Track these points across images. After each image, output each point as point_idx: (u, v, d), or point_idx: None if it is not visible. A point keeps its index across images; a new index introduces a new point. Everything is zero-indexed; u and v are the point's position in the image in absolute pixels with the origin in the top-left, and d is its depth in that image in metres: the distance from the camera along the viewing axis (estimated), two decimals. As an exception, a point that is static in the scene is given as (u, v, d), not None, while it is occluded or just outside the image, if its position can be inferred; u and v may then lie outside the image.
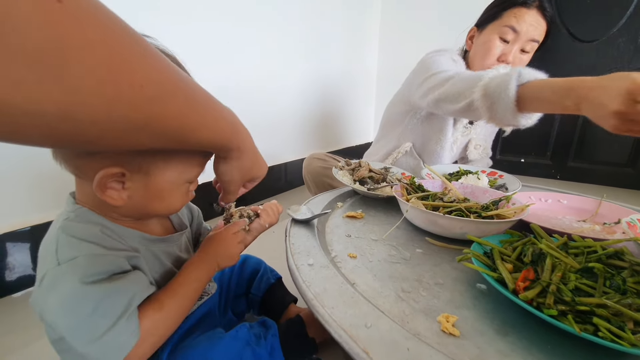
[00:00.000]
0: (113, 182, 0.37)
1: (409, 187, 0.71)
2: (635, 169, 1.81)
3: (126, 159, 0.36)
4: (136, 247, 0.42)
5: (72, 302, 0.34)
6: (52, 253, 0.35)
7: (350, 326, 0.34)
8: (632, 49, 1.69)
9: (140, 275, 0.39)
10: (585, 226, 0.62)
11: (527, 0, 0.86)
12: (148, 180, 0.38)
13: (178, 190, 0.42)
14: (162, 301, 0.40)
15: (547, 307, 0.33)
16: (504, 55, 0.91)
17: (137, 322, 0.36)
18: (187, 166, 0.41)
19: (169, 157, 0.39)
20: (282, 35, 1.63)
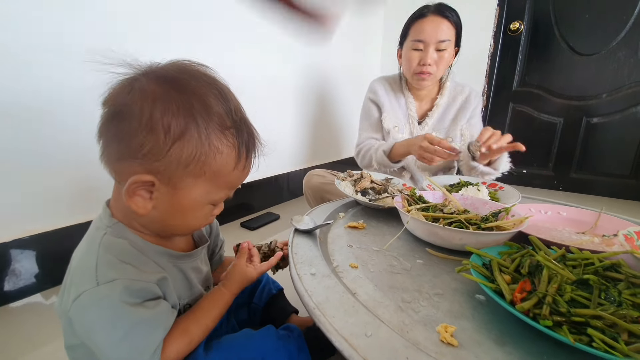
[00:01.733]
0: (142, 190, 0.39)
1: (409, 198, 0.72)
2: (638, 180, 1.81)
3: (159, 169, 0.38)
4: (164, 263, 0.45)
5: (109, 322, 0.36)
6: (92, 270, 0.38)
7: (350, 335, 0.35)
8: (631, 62, 1.72)
9: (166, 306, 0.42)
10: (584, 238, 0.62)
11: (422, 12, 1.07)
12: (175, 193, 0.40)
13: (201, 210, 0.44)
14: (192, 334, 0.43)
15: (543, 318, 0.34)
16: (422, 59, 1.08)
17: (159, 355, 0.39)
18: (214, 188, 0.43)
19: (199, 176, 0.40)
20: (282, 40, 1.65)
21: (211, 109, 0.39)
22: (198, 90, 0.39)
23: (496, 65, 2.06)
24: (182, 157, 0.38)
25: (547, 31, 1.90)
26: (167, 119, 0.37)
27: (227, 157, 0.41)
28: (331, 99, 2.06)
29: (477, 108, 1.20)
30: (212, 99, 0.39)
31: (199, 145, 0.38)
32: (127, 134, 0.37)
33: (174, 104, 0.37)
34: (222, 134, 0.40)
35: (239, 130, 0.42)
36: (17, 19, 0.84)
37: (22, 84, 0.87)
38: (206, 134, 0.39)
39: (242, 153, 0.43)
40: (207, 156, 0.39)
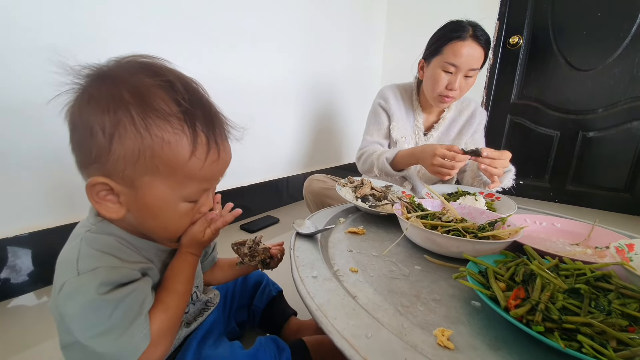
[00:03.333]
0: (109, 195, 0.39)
1: (409, 205, 0.74)
2: (632, 194, 1.84)
3: (111, 170, 0.37)
4: (151, 258, 0.45)
5: (90, 309, 0.36)
6: (73, 263, 0.37)
7: (351, 336, 0.36)
8: (627, 79, 1.76)
9: (148, 280, 0.42)
10: (577, 249, 0.64)
11: (461, 35, 0.99)
12: (136, 194, 0.39)
13: (173, 209, 0.41)
14: (167, 302, 0.42)
15: (536, 324, 0.35)
16: (450, 84, 1.05)
17: (148, 326, 0.39)
18: (176, 183, 0.40)
19: (154, 172, 0.38)
20: (284, 44, 1.68)
21: (147, 98, 0.37)
22: (131, 80, 0.37)
23: (495, 77, 2.10)
24: (127, 154, 0.36)
25: (545, 46, 1.95)
26: (101, 117, 0.36)
27: (177, 146, 0.38)
28: (332, 104, 2.08)
29: (481, 123, 1.22)
30: (148, 86, 0.37)
31: (138, 137, 0.36)
32: (79, 143, 0.38)
33: (104, 101, 0.36)
34: (165, 121, 0.37)
35: (189, 114, 0.38)
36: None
37: (23, 80, 0.88)
38: (144, 124, 0.36)
39: (199, 138, 0.39)
40: (152, 149, 0.37)
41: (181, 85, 0.39)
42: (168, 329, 0.41)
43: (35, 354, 0.73)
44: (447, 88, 1.06)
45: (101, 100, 0.36)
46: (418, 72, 1.17)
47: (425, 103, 1.20)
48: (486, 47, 1.02)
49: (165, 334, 0.41)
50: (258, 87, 1.56)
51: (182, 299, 0.45)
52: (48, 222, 0.99)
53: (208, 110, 0.41)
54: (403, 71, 1.46)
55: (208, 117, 0.40)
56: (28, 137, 0.91)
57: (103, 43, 0.99)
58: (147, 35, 1.11)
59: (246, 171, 1.61)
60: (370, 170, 1.16)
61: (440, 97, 1.08)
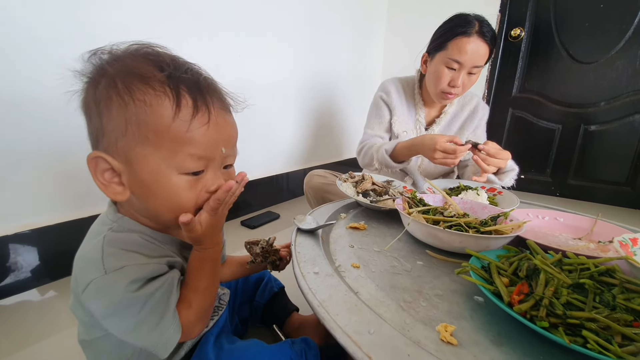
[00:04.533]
0: (114, 177, 0.39)
1: (410, 200, 0.74)
2: (633, 188, 1.83)
3: (106, 146, 0.38)
4: (174, 251, 0.45)
5: (121, 307, 0.37)
6: (98, 262, 0.37)
7: (354, 332, 0.36)
8: (629, 71, 1.74)
9: (175, 272, 0.42)
10: (580, 244, 0.64)
11: (467, 30, 0.97)
12: (133, 170, 0.38)
13: (170, 182, 0.38)
14: (189, 299, 0.42)
15: (540, 319, 0.35)
16: (453, 80, 1.03)
17: (177, 320, 0.39)
18: (168, 151, 0.38)
19: (143, 141, 0.37)
20: (284, 39, 1.66)
21: (132, 67, 0.37)
22: (123, 58, 0.38)
23: (496, 70, 2.08)
24: (115, 125, 0.37)
25: (547, 38, 1.92)
26: (97, 94, 0.37)
27: (159, 108, 0.36)
28: (332, 99, 2.07)
29: (483, 119, 1.20)
30: (136, 59, 0.38)
31: (122, 105, 0.36)
32: (89, 128, 0.40)
33: (100, 80, 0.38)
34: (147, 85, 0.36)
35: (172, 77, 0.37)
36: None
37: (23, 76, 0.87)
38: (127, 91, 0.36)
39: (183, 100, 0.37)
40: (137, 115, 0.36)
41: (168, 56, 0.40)
42: (197, 320, 0.42)
43: (37, 351, 0.74)
44: (449, 85, 1.04)
45: (99, 79, 0.38)
46: (421, 66, 1.15)
47: (427, 97, 1.18)
48: (492, 43, 0.99)
49: (196, 324, 0.42)
50: (258, 83, 1.55)
51: (205, 294, 0.44)
52: (49, 220, 0.99)
53: (197, 76, 0.40)
54: (404, 66, 1.45)
55: (196, 81, 0.39)
56: (29, 134, 0.91)
57: (100, 38, 0.98)
58: (145, 29, 1.09)
59: (246, 167, 1.61)
60: (371, 164, 1.15)
61: (442, 93, 1.07)
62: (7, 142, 0.88)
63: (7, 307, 0.89)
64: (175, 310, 0.40)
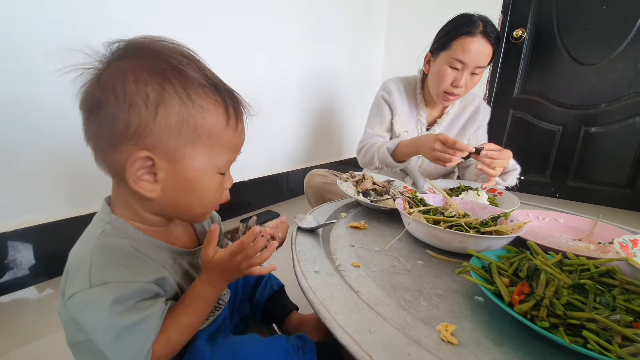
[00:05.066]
0: (145, 174, 0.38)
1: (411, 200, 0.74)
2: (633, 190, 1.83)
3: (153, 143, 0.37)
4: (165, 260, 0.44)
5: (101, 324, 0.36)
6: (85, 271, 0.37)
7: (354, 331, 0.36)
8: (631, 73, 1.74)
9: (160, 306, 0.40)
10: (580, 245, 0.64)
11: (471, 30, 0.96)
12: (177, 167, 0.39)
13: (210, 180, 0.43)
14: (170, 335, 0.40)
15: (540, 319, 0.35)
16: (456, 81, 1.03)
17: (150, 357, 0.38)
18: (214, 151, 0.41)
19: (195, 142, 0.39)
20: (284, 38, 1.66)
21: (183, 69, 0.38)
22: (163, 53, 0.38)
23: (498, 71, 2.08)
24: (171, 123, 0.37)
25: (549, 40, 1.92)
26: (143, 87, 0.36)
27: (215, 114, 0.40)
28: (333, 99, 2.07)
29: (484, 120, 1.20)
30: (179, 59, 0.39)
31: (182, 106, 0.38)
32: (110, 119, 0.36)
33: (144, 72, 0.36)
34: (202, 91, 0.39)
35: (217, 86, 0.41)
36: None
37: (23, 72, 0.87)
38: (186, 93, 0.38)
39: (229, 109, 0.42)
40: (195, 117, 0.38)
41: (203, 64, 0.41)
42: (169, 354, 0.41)
43: (35, 348, 0.74)
44: (452, 85, 1.03)
45: (140, 72, 0.36)
46: (424, 66, 1.15)
47: (429, 98, 1.18)
48: (495, 44, 0.99)
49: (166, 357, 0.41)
50: (259, 82, 1.55)
51: (186, 331, 0.43)
52: (48, 217, 0.99)
53: (226, 86, 0.43)
54: (404, 66, 1.45)
55: (230, 92, 0.43)
56: (28, 130, 0.91)
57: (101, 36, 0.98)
58: (148, 29, 1.09)
59: (247, 166, 1.61)
60: (371, 163, 1.14)
61: (444, 94, 1.06)
62: (7, 138, 0.88)
63: (4, 304, 0.89)
64: (150, 349, 0.38)
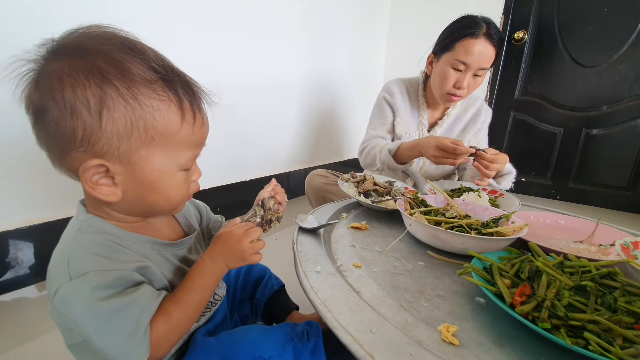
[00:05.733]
0: (102, 178, 0.37)
1: (412, 201, 0.74)
2: (634, 192, 1.83)
3: (104, 149, 0.36)
4: (147, 252, 0.43)
5: (87, 315, 0.35)
6: (64, 266, 0.36)
7: (356, 331, 0.36)
8: (632, 76, 1.74)
9: (147, 289, 0.39)
10: (581, 247, 0.64)
11: (474, 32, 0.96)
12: (134, 169, 0.38)
13: (172, 178, 0.41)
14: (170, 312, 0.40)
15: (542, 320, 0.35)
16: (458, 82, 1.03)
17: (148, 337, 0.37)
18: (173, 150, 0.39)
19: (149, 143, 0.37)
20: (286, 38, 1.66)
21: (125, 66, 0.35)
22: (101, 50, 0.35)
23: (499, 73, 2.08)
24: (119, 128, 0.35)
25: (550, 42, 1.92)
26: (81, 92, 0.34)
27: (167, 112, 0.38)
28: (334, 99, 2.07)
29: (485, 122, 1.20)
30: (121, 55, 0.36)
31: (128, 108, 0.35)
32: (55, 125, 0.34)
33: (80, 74, 0.34)
34: (149, 89, 0.36)
35: (168, 80, 0.38)
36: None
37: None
38: (131, 94, 0.35)
39: (184, 104, 0.39)
40: (144, 119, 0.36)
41: (151, 52, 0.38)
42: (167, 340, 0.40)
43: (36, 347, 0.74)
44: (455, 86, 1.03)
45: (76, 75, 0.34)
46: (427, 67, 1.15)
47: (431, 99, 1.18)
48: (498, 46, 0.99)
49: (163, 343, 0.39)
50: (260, 81, 1.55)
51: (190, 311, 0.42)
52: (49, 215, 0.99)
53: (182, 77, 0.40)
54: (406, 67, 1.45)
55: (184, 83, 0.40)
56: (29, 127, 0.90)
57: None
58: (148, 26, 1.09)
59: (247, 166, 1.61)
60: (372, 164, 1.14)
61: (447, 95, 1.06)
62: (8, 136, 0.88)
63: (5, 303, 0.90)
64: (148, 328, 0.37)
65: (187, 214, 0.55)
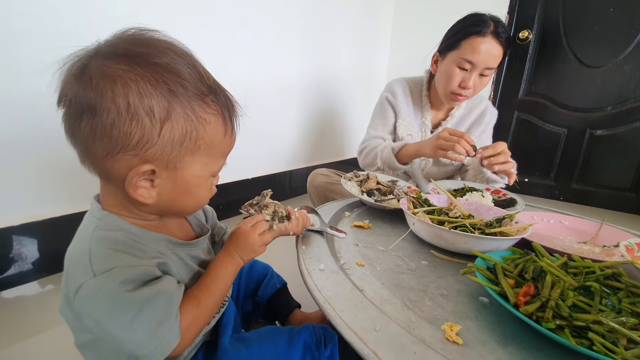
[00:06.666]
0: (142, 181, 0.38)
1: (415, 200, 0.74)
2: (638, 194, 1.82)
3: (155, 155, 0.37)
4: (163, 250, 0.43)
5: (115, 310, 0.35)
6: (86, 264, 0.35)
7: (360, 329, 0.36)
8: (637, 76, 1.73)
9: (172, 279, 0.40)
10: (585, 247, 0.64)
11: (482, 30, 0.94)
12: (176, 175, 0.40)
13: (205, 183, 0.44)
14: (199, 298, 0.42)
15: (546, 321, 0.35)
16: (464, 82, 1.00)
17: (178, 323, 0.38)
18: (211, 158, 0.42)
19: (195, 151, 0.40)
20: (289, 37, 1.66)
21: (185, 79, 0.37)
22: (164, 61, 0.36)
23: (503, 72, 2.07)
24: (175, 137, 0.37)
25: (555, 41, 1.91)
26: (147, 101, 0.35)
27: (216, 126, 0.41)
28: (336, 98, 2.07)
29: (490, 123, 1.18)
30: (180, 67, 0.37)
31: (187, 120, 0.37)
32: (108, 128, 0.34)
33: (147, 83, 0.35)
34: (204, 102, 0.39)
35: (215, 94, 0.41)
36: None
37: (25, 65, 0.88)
38: (190, 107, 0.37)
39: (227, 118, 0.42)
40: (197, 130, 0.38)
41: (201, 67, 0.40)
42: (195, 324, 0.41)
43: (37, 342, 0.74)
44: (460, 86, 1.01)
45: (143, 82, 0.35)
46: (431, 66, 1.12)
47: (435, 99, 1.16)
48: (506, 45, 0.96)
49: (192, 328, 0.41)
50: (262, 80, 1.55)
51: (215, 297, 0.45)
52: (53, 212, 0.99)
53: (224, 91, 0.43)
54: (410, 66, 1.45)
55: (226, 97, 0.43)
56: (33, 124, 0.91)
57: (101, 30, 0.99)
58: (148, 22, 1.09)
59: (249, 164, 1.61)
60: (372, 164, 1.13)
61: (452, 94, 1.04)
62: (11, 132, 0.88)
63: (9, 299, 0.90)
64: (178, 313, 0.38)
65: (198, 215, 0.56)
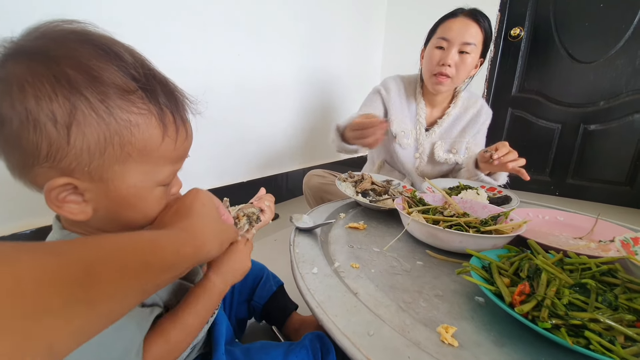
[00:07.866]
0: (71, 195, 0.33)
1: (410, 200, 0.73)
2: (633, 187, 1.83)
3: (72, 167, 0.31)
4: None
5: None
6: None
7: (353, 333, 0.36)
8: (629, 70, 1.74)
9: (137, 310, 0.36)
10: (581, 243, 0.63)
11: (455, 13, 1.02)
12: (107, 187, 0.33)
13: (150, 195, 0.37)
14: (169, 333, 0.37)
15: (542, 320, 0.35)
16: (442, 59, 1.02)
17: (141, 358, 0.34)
18: (151, 166, 0.35)
19: (124, 159, 0.33)
20: (282, 37, 1.65)
21: (98, 74, 0.31)
22: (70, 54, 0.30)
23: (496, 70, 2.07)
24: (90, 144, 0.31)
25: (547, 38, 1.92)
26: (46, 104, 0.29)
27: (147, 127, 0.33)
28: (331, 99, 2.06)
29: (485, 124, 1.18)
30: (94, 60, 0.31)
31: (102, 124, 0.31)
32: (15, 139, 0.30)
33: (45, 84, 0.29)
34: (127, 100, 0.32)
35: (149, 90, 0.34)
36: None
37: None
38: (105, 107, 0.31)
39: (166, 118, 0.35)
40: (120, 135, 0.32)
41: (129, 55, 0.33)
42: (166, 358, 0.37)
43: None
44: (439, 64, 1.03)
45: (40, 83, 0.29)
46: (420, 62, 1.14)
47: (430, 97, 1.16)
48: (482, 23, 0.99)
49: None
50: (256, 81, 1.54)
51: (189, 333, 0.39)
52: (47, 220, 0.98)
53: (165, 84, 0.36)
54: (403, 66, 1.44)
55: (167, 91, 0.36)
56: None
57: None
58: (141, 25, 1.08)
59: (245, 167, 1.60)
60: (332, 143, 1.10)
61: (434, 76, 1.05)
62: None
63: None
64: (140, 350, 0.34)
65: None
